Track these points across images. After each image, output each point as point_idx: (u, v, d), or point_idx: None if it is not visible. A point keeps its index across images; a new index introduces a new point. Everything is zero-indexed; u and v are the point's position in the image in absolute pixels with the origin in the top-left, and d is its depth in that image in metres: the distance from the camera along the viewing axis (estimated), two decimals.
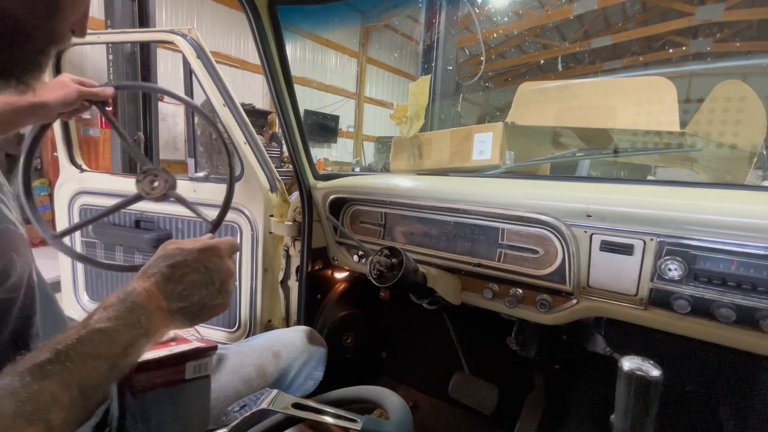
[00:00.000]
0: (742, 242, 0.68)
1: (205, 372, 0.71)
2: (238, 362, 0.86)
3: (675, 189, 0.91)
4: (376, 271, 0.92)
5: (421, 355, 1.58)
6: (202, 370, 0.71)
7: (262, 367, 0.88)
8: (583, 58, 8.67)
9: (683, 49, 7.19)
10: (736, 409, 0.90)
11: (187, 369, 0.69)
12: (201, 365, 0.70)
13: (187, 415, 0.68)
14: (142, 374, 0.63)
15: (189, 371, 0.69)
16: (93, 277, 1.65)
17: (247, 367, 0.86)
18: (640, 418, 0.63)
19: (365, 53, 9.54)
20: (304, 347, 1.00)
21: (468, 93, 7.91)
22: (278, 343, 0.97)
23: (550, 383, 1.26)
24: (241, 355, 0.89)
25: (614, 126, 1.91)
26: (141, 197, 0.88)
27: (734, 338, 0.70)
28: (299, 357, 0.97)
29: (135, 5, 3.45)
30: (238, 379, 0.82)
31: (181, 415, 0.68)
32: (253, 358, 0.89)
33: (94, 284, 1.65)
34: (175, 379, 0.67)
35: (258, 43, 1.08)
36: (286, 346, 0.97)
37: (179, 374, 0.68)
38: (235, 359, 0.87)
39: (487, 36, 7.93)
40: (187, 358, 0.68)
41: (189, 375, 0.69)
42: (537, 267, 0.92)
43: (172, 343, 0.69)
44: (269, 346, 0.95)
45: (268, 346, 0.94)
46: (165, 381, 0.66)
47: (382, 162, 8.69)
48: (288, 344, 0.98)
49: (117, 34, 2.02)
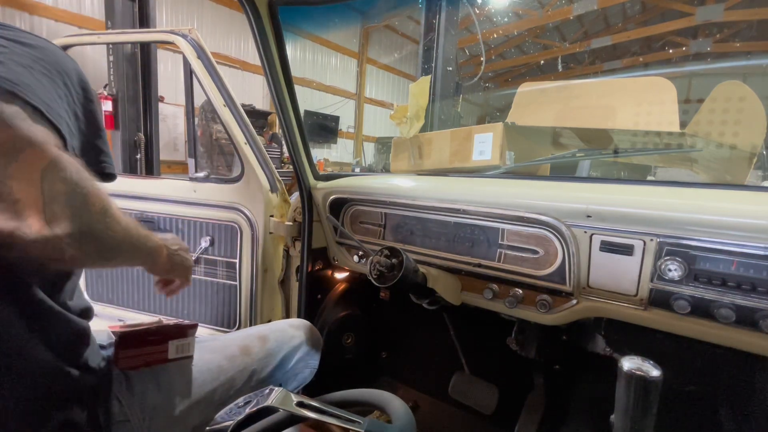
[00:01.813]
0: (742, 242, 0.68)
1: (187, 353, 0.74)
2: (221, 344, 0.88)
3: (675, 189, 0.91)
4: (376, 272, 0.92)
5: (421, 355, 1.58)
6: (184, 351, 0.74)
7: (247, 348, 0.89)
8: (583, 59, 8.67)
9: (683, 49, 7.19)
10: (736, 409, 0.90)
11: (169, 348, 0.70)
12: (183, 345, 0.73)
13: (170, 395, 0.70)
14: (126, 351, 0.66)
15: (172, 351, 0.71)
16: (93, 277, 1.65)
17: (231, 347, 0.87)
18: (640, 418, 0.63)
19: (365, 53, 9.54)
20: (295, 334, 1.00)
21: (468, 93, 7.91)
22: (267, 329, 0.98)
23: (550, 383, 1.26)
24: (226, 339, 0.91)
25: (614, 126, 1.91)
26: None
27: (734, 338, 0.70)
28: (289, 342, 0.97)
29: (135, 6, 3.46)
30: (221, 356, 0.83)
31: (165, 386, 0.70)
32: (238, 341, 0.90)
33: (94, 284, 1.65)
34: (159, 358, 0.70)
35: (258, 43, 1.08)
36: (275, 332, 0.98)
37: (162, 353, 0.70)
38: (219, 342, 0.89)
39: (487, 36, 7.93)
40: (168, 335, 0.71)
41: (172, 355, 0.71)
42: (537, 267, 0.92)
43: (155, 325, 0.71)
44: (257, 332, 0.96)
45: (255, 332, 0.96)
46: (149, 360, 0.69)
47: (382, 162, 8.68)
48: (276, 330, 0.99)
49: (117, 35, 2.03)
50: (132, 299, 1.59)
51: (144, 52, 3.52)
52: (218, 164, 5.47)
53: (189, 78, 1.36)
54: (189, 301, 1.51)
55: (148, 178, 1.53)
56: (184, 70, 1.35)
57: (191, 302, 1.51)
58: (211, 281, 1.46)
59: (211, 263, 1.44)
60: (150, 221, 1.50)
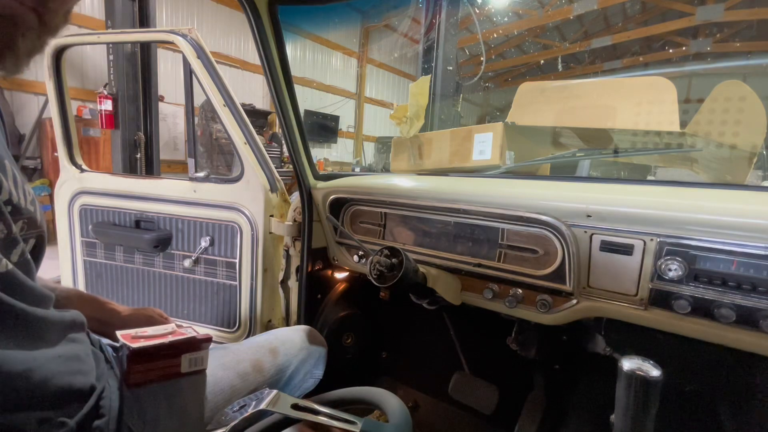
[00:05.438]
0: (742, 242, 0.68)
1: (200, 366, 0.72)
2: (234, 358, 0.86)
3: (675, 189, 0.91)
4: (376, 271, 0.92)
5: (421, 355, 1.58)
6: (197, 364, 0.71)
7: (259, 363, 0.87)
8: (583, 59, 8.67)
9: (683, 49, 7.18)
10: (736, 409, 0.90)
11: (182, 362, 0.69)
12: (197, 359, 0.71)
13: (182, 409, 0.69)
14: (138, 366, 0.63)
15: (185, 365, 0.69)
16: (93, 277, 1.65)
17: (243, 362, 0.85)
18: (640, 418, 0.63)
19: (365, 53, 9.54)
20: (303, 345, 1.00)
21: (468, 93, 7.92)
22: (276, 340, 0.96)
23: (550, 383, 1.26)
24: (238, 352, 0.88)
25: (614, 126, 1.91)
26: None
27: (734, 338, 0.70)
28: (298, 354, 0.96)
29: (135, 5, 3.45)
30: (233, 374, 0.82)
31: (177, 410, 0.68)
32: (250, 354, 0.88)
33: (94, 284, 1.65)
34: (171, 372, 0.68)
35: (258, 43, 1.08)
36: (284, 343, 0.96)
37: (175, 368, 0.68)
38: (231, 355, 0.86)
39: (487, 36, 7.92)
40: (181, 349, 0.68)
41: (185, 369, 0.69)
42: (537, 267, 0.92)
43: (169, 336, 0.69)
44: (267, 343, 0.94)
45: (265, 344, 0.94)
46: (161, 374, 0.67)
47: (382, 162, 8.68)
48: (286, 341, 0.97)
49: (117, 34, 2.03)
50: (132, 300, 1.59)
51: (144, 51, 3.52)
52: (218, 164, 5.47)
53: (189, 78, 1.36)
54: (189, 302, 1.51)
55: (148, 178, 1.52)
56: (184, 69, 1.35)
57: (191, 302, 1.51)
58: (210, 281, 1.46)
59: (210, 263, 1.44)
60: (150, 221, 1.50)
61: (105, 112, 3.50)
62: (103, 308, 0.82)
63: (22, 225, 0.51)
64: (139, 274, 1.56)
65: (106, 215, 1.56)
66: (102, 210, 1.56)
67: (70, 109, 1.56)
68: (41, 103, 4.77)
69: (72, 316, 0.58)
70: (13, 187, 0.49)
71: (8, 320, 0.45)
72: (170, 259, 1.49)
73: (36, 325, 0.49)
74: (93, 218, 1.57)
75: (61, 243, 1.65)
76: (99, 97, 3.50)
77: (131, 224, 1.53)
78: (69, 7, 0.47)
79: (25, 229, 0.51)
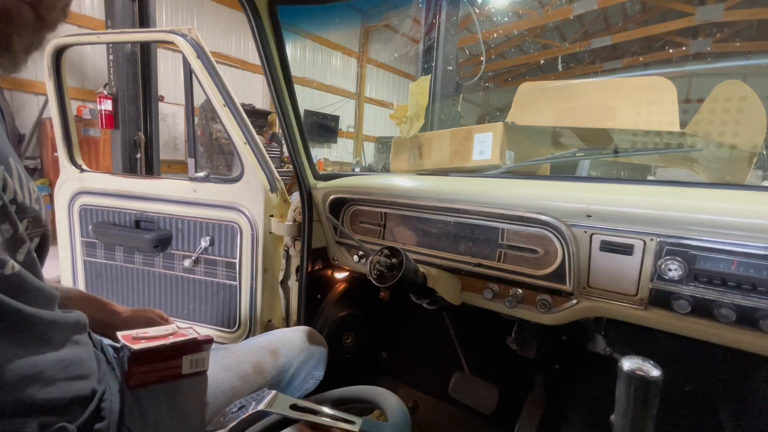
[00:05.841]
0: (742, 242, 0.68)
1: (201, 367, 0.72)
2: (235, 359, 0.85)
3: (675, 189, 0.91)
4: (376, 271, 0.92)
5: (421, 355, 1.58)
6: (199, 365, 0.71)
7: (260, 364, 0.87)
8: (583, 59, 8.66)
9: (683, 49, 7.18)
10: (736, 409, 0.90)
11: (183, 363, 0.69)
12: (198, 360, 0.71)
13: (183, 411, 0.68)
14: (139, 367, 0.63)
15: (186, 366, 0.69)
16: (93, 277, 1.65)
17: (244, 364, 0.85)
18: (640, 418, 0.63)
19: (365, 53, 9.54)
20: (304, 346, 1.00)
21: (468, 93, 7.92)
22: (277, 341, 0.96)
23: (550, 383, 1.26)
24: (239, 353, 0.88)
25: (614, 126, 1.91)
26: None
27: (734, 338, 0.70)
28: (299, 355, 0.96)
29: (135, 5, 3.45)
30: (234, 375, 0.82)
31: (178, 411, 0.68)
32: (251, 355, 0.88)
33: (94, 284, 1.65)
34: (172, 374, 0.68)
35: (258, 43, 1.08)
36: (285, 344, 0.96)
37: (176, 369, 0.68)
38: (232, 357, 0.86)
39: (487, 36, 7.92)
40: (183, 350, 0.68)
41: (186, 370, 0.69)
42: (537, 267, 0.92)
43: (170, 337, 0.69)
44: (268, 344, 0.94)
45: (266, 345, 0.94)
46: (162, 376, 0.66)
47: (382, 162, 8.68)
48: (287, 342, 0.97)
49: (117, 34, 2.03)
50: (132, 300, 1.59)
51: (144, 51, 3.52)
52: (218, 164, 5.47)
53: (189, 78, 1.36)
54: (189, 302, 1.51)
55: (148, 178, 1.52)
56: (184, 69, 1.35)
57: (191, 302, 1.51)
58: (210, 281, 1.46)
59: (210, 263, 1.44)
60: (150, 221, 1.50)
61: (105, 112, 3.50)
62: (104, 309, 0.82)
63: (27, 224, 0.50)
64: (139, 274, 1.56)
65: (106, 215, 1.56)
66: (102, 210, 1.56)
67: (70, 109, 1.57)
68: (41, 103, 4.76)
69: (76, 317, 0.58)
70: (18, 185, 0.48)
71: (15, 324, 0.44)
72: (170, 259, 1.49)
73: (42, 327, 0.48)
74: (93, 218, 1.57)
75: (61, 243, 1.65)
76: (99, 97, 3.50)
77: (131, 224, 1.53)
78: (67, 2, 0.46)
79: (30, 228, 0.51)
